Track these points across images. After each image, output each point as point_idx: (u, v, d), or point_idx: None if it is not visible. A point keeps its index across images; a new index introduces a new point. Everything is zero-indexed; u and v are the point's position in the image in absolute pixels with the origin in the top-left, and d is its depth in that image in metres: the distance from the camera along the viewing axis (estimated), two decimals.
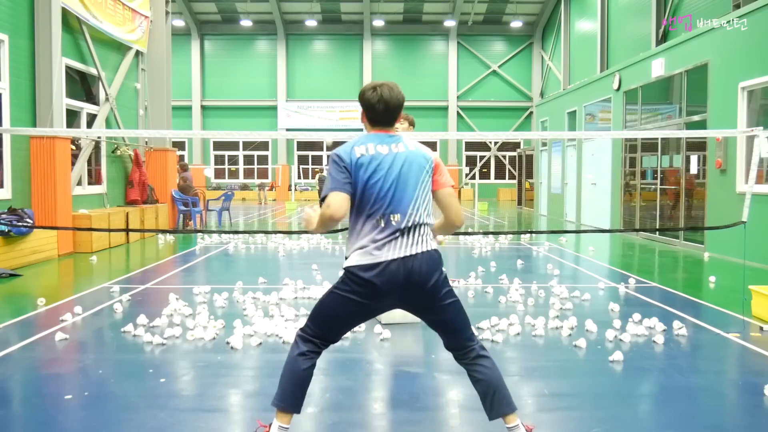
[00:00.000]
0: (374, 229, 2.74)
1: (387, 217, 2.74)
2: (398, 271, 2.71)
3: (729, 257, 9.22)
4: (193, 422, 3.22)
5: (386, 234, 2.73)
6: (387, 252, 2.72)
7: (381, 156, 2.76)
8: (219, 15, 30.51)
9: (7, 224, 7.72)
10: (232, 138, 30.88)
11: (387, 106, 2.82)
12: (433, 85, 30.89)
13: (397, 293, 2.75)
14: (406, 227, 2.75)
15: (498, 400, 2.80)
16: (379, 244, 2.73)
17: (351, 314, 2.82)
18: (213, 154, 32.19)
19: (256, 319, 5.34)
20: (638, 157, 13.02)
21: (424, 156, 2.83)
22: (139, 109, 13.13)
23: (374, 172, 2.73)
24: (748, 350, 4.58)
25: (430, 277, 2.74)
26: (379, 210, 2.74)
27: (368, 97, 2.83)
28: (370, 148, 2.77)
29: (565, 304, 5.98)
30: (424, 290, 2.75)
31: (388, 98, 2.81)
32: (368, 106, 2.84)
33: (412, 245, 2.75)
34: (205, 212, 15.07)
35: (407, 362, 4.34)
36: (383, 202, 2.74)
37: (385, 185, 2.73)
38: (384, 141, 2.81)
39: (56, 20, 9.50)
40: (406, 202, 2.76)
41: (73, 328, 5.13)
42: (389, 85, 2.85)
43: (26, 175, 9.20)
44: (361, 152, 2.74)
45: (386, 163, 2.76)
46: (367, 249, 2.74)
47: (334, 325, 2.86)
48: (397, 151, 2.79)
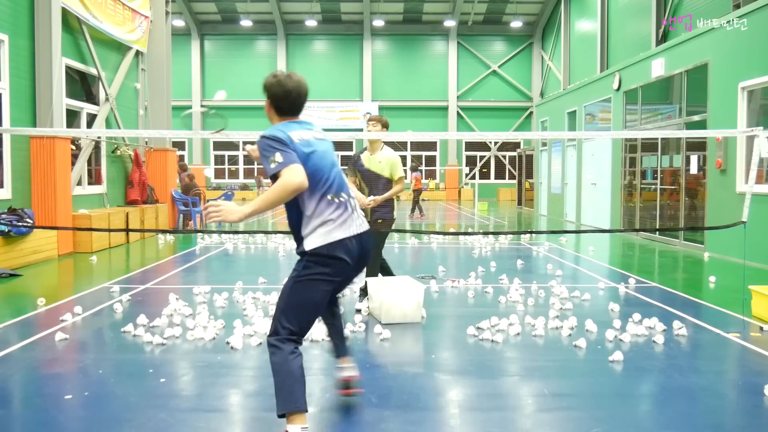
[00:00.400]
0: (329, 207, 2.85)
1: (339, 195, 2.90)
2: (355, 246, 2.91)
3: (729, 257, 9.22)
4: (193, 422, 3.22)
5: (342, 212, 2.89)
6: (348, 229, 2.88)
7: (314, 141, 2.89)
8: (219, 15, 30.51)
9: (7, 224, 7.72)
10: (232, 138, 30.83)
11: (300, 94, 2.94)
12: (433, 85, 30.89)
13: (353, 267, 2.96)
14: (352, 205, 2.98)
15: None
16: (339, 222, 2.86)
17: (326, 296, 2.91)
18: (213, 154, 32.19)
19: (256, 319, 5.34)
20: (638, 157, 13.02)
21: (329, 141, 3.05)
22: (139, 109, 13.13)
23: (314, 154, 2.83)
24: (748, 350, 4.58)
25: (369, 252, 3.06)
26: (329, 189, 2.87)
27: (283, 84, 2.90)
28: (303, 134, 2.85)
29: (565, 304, 5.98)
30: (363, 264, 3.03)
31: (301, 87, 2.95)
32: (282, 94, 2.91)
33: (360, 223, 2.98)
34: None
35: (407, 362, 4.34)
36: (331, 182, 2.88)
37: (327, 166, 2.88)
38: (306, 127, 2.93)
39: (56, 20, 9.50)
40: (344, 183, 3.00)
41: (73, 328, 5.13)
42: (297, 75, 2.97)
43: (26, 175, 9.20)
44: (298, 137, 2.81)
45: (320, 147, 2.90)
46: (328, 228, 2.83)
47: (313, 314, 2.92)
48: (321, 137, 2.97)
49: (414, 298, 5.31)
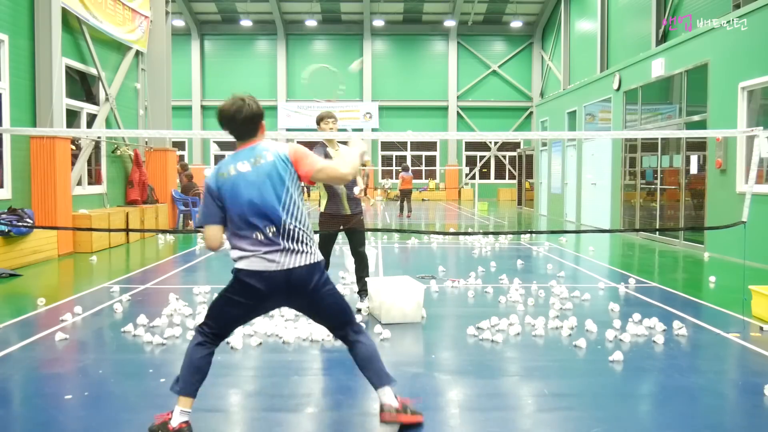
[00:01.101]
0: (253, 242, 2.94)
1: (260, 231, 2.90)
2: (280, 280, 2.95)
3: (729, 257, 9.22)
4: (193, 422, 3.21)
5: (268, 245, 2.93)
6: (254, 263, 2.95)
7: (240, 174, 2.92)
8: (219, 15, 30.51)
9: (7, 224, 7.72)
10: (232, 138, 30.78)
11: (230, 120, 2.98)
12: (433, 85, 30.89)
13: (278, 297, 3.03)
14: (287, 238, 2.92)
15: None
16: (264, 253, 2.95)
17: (237, 314, 3.08)
18: (213, 154, 32.19)
19: (256, 319, 5.33)
20: (638, 157, 13.02)
21: (279, 168, 2.91)
22: (139, 109, 13.13)
23: (238, 194, 2.90)
24: (748, 350, 4.58)
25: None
26: (252, 226, 2.92)
27: (221, 116, 2.99)
28: (231, 169, 2.94)
29: (565, 304, 5.98)
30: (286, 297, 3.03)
31: (227, 113, 2.96)
32: (225, 125, 3.03)
33: (277, 261, 2.92)
34: None
35: (407, 362, 4.34)
36: (252, 216, 2.92)
37: (251, 203, 2.90)
38: (245, 155, 2.96)
39: (56, 20, 9.50)
40: (278, 214, 2.91)
41: (73, 328, 5.13)
42: (238, 98, 2.97)
43: (26, 175, 9.20)
44: (225, 174, 2.95)
45: (247, 179, 2.91)
46: (237, 255, 2.97)
47: (223, 321, 3.10)
48: (258, 163, 2.92)
49: (414, 298, 5.31)
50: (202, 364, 2.97)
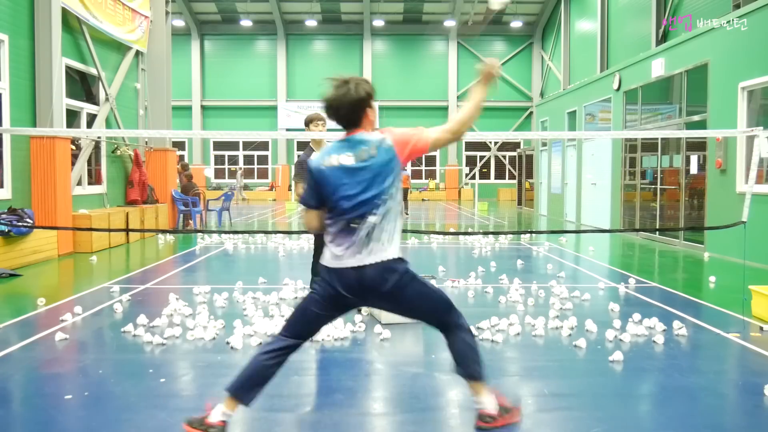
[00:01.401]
0: (337, 230, 2.85)
1: (354, 221, 2.82)
2: (352, 278, 2.85)
3: (729, 257, 9.21)
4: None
5: (345, 238, 2.84)
6: (343, 259, 2.85)
7: (343, 166, 2.80)
8: (219, 15, 30.50)
9: (7, 224, 7.72)
10: (232, 138, 30.87)
11: (334, 107, 2.81)
12: (433, 85, 30.90)
13: (347, 297, 2.90)
14: (362, 234, 2.82)
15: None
16: (338, 248, 2.86)
17: (316, 316, 2.96)
18: (213, 154, 32.18)
19: (256, 319, 5.34)
20: (638, 157, 13.02)
21: (383, 154, 2.80)
22: (139, 109, 13.13)
23: (334, 179, 2.79)
24: (748, 350, 4.58)
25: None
26: (339, 213, 2.85)
27: (326, 101, 2.82)
28: (332, 159, 2.81)
29: (565, 304, 5.97)
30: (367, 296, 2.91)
31: (336, 97, 2.78)
32: (329, 111, 2.85)
33: (366, 256, 2.81)
34: (205, 212, 15.08)
35: (407, 362, 4.34)
36: (345, 208, 2.83)
37: (347, 194, 2.79)
38: (348, 146, 2.82)
39: (56, 20, 9.50)
40: (369, 207, 2.81)
41: (73, 328, 5.13)
42: (344, 81, 2.80)
43: (26, 175, 9.20)
44: (327, 162, 2.82)
45: (347, 172, 2.80)
46: (328, 252, 2.90)
47: (300, 324, 2.99)
48: (362, 156, 2.81)
49: None
50: (269, 373, 2.91)
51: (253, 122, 30.55)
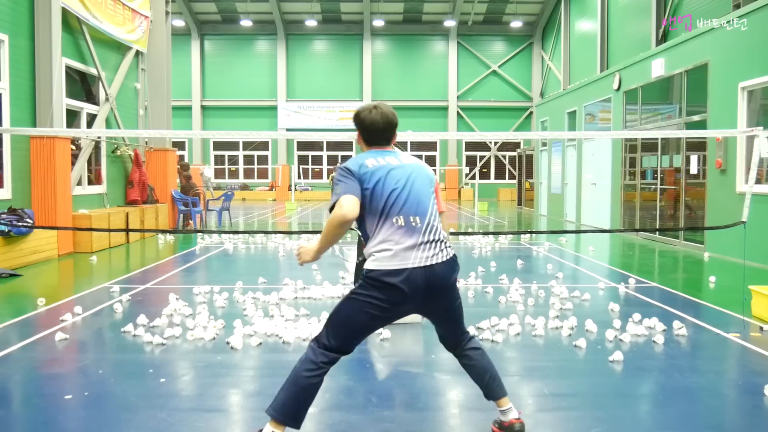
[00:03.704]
0: (391, 229, 2.79)
1: (408, 219, 2.79)
2: (419, 277, 2.76)
3: (729, 257, 9.21)
4: (193, 422, 3.22)
5: (408, 237, 2.78)
6: (409, 258, 2.75)
7: (388, 164, 2.87)
8: (219, 15, 30.52)
9: (7, 224, 7.72)
10: (232, 138, 30.89)
11: (380, 126, 2.95)
12: (433, 85, 30.90)
13: (415, 298, 2.79)
14: (426, 231, 2.83)
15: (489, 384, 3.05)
16: (401, 247, 2.75)
17: (374, 321, 2.82)
18: (213, 154, 32.19)
19: (256, 319, 5.34)
20: (638, 157, 13.02)
21: (428, 173, 3.00)
22: (139, 109, 13.13)
23: (382, 176, 2.82)
24: (748, 350, 4.58)
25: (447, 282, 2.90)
26: (393, 211, 2.79)
27: (364, 117, 2.96)
28: (379, 159, 2.88)
29: (565, 304, 5.97)
30: (432, 296, 2.85)
31: (387, 118, 2.96)
32: (365, 126, 2.97)
33: (434, 253, 2.82)
34: (205, 212, 15.08)
35: (407, 362, 4.34)
36: (396, 203, 2.80)
37: (396, 188, 2.81)
38: (387, 154, 2.94)
39: (56, 20, 9.50)
40: (422, 206, 2.85)
41: (73, 328, 5.13)
42: (384, 106, 3.00)
43: (26, 175, 9.20)
44: (371, 163, 2.85)
45: (394, 169, 2.86)
46: (388, 253, 2.76)
47: (354, 335, 2.82)
48: (405, 162, 2.93)
49: None
50: (316, 390, 2.78)
51: (253, 122, 30.57)
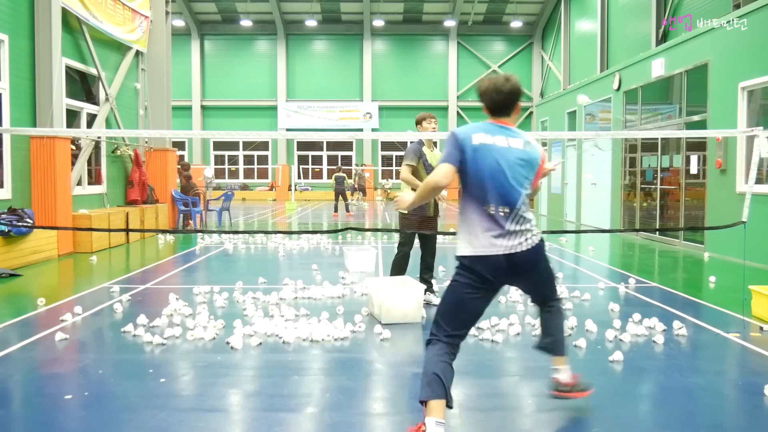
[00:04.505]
0: (482, 217, 2.87)
1: (499, 208, 2.86)
2: (503, 263, 2.86)
3: (729, 257, 9.21)
4: (193, 422, 3.22)
5: (495, 226, 2.86)
6: (494, 246, 2.85)
7: (496, 146, 2.87)
8: (219, 15, 30.51)
9: (7, 224, 7.72)
10: (232, 138, 30.89)
11: (503, 95, 2.92)
12: (433, 85, 30.89)
13: (500, 281, 2.93)
14: (515, 221, 2.88)
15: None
16: (488, 235, 2.86)
17: (475, 301, 2.93)
18: (213, 154, 32.19)
19: (256, 319, 5.34)
20: (638, 157, 13.02)
21: (534, 156, 2.95)
22: (139, 109, 13.13)
23: (483, 160, 2.85)
24: (748, 350, 4.58)
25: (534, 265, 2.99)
26: (487, 200, 2.87)
27: (482, 85, 2.97)
28: (488, 138, 2.88)
29: (565, 304, 5.97)
30: (517, 278, 2.99)
31: (503, 88, 2.92)
32: (488, 95, 2.95)
33: (520, 242, 2.88)
34: (205, 212, 15.08)
35: (407, 362, 4.34)
36: (491, 192, 2.86)
37: (492, 176, 2.85)
38: (502, 131, 2.92)
39: (56, 20, 9.50)
40: (515, 197, 2.88)
41: (73, 328, 5.13)
42: (507, 76, 2.97)
43: (26, 175, 9.20)
44: (478, 139, 2.87)
45: (499, 155, 2.87)
46: (474, 240, 2.88)
47: (463, 317, 2.96)
48: (513, 145, 2.90)
49: (414, 298, 5.31)
50: (447, 369, 2.92)
51: (253, 122, 30.57)
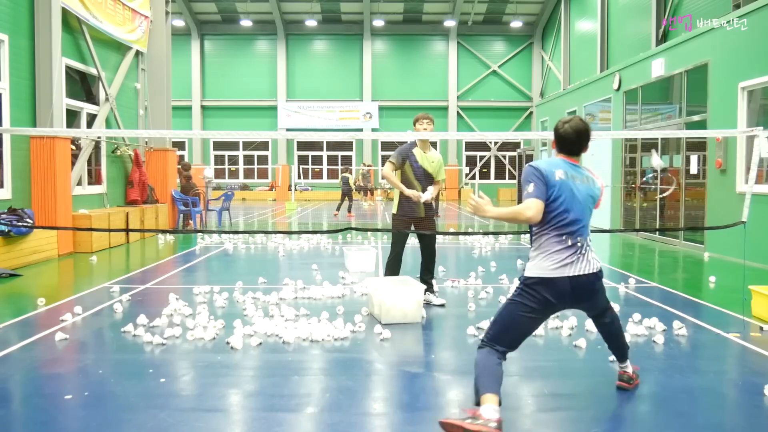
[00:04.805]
0: (557, 245, 3.16)
1: (574, 238, 3.17)
2: (567, 287, 3.16)
3: (729, 257, 9.21)
4: (193, 422, 3.22)
5: (569, 254, 3.16)
6: (565, 270, 3.16)
7: (572, 182, 3.21)
8: (219, 15, 30.51)
9: (7, 224, 7.72)
10: (232, 138, 30.89)
11: (573, 139, 3.29)
12: (433, 85, 30.89)
13: (561, 305, 3.23)
14: (584, 249, 3.22)
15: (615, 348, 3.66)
16: (561, 262, 3.15)
17: (530, 322, 3.25)
18: (213, 154, 32.19)
19: (256, 319, 5.34)
20: (638, 157, 13.02)
21: (597, 191, 3.37)
22: (139, 109, 13.13)
23: (564, 192, 3.16)
24: (748, 350, 4.58)
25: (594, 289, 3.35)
26: (565, 229, 3.16)
27: (559, 128, 3.36)
28: (567, 174, 3.21)
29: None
30: (575, 301, 3.30)
31: (577, 132, 3.29)
32: (558, 135, 3.35)
33: (584, 266, 3.21)
34: (205, 212, 15.08)
35: (407, 362, 4.34)
36: (569, 222, 3.16)
37: (571, 208, 3.16)
38: (574, 170, 3.27)
39: (56, 20, 9.50)
40: (585, 228, 3.24)
41: (73, 328, 5.13)
42: (577, 120, 3.36)
43: (26, 175, 9.20)
44: (559, 175, 3.18)
45: (576, 188, 3.21)
46: (548, 264, 3.17)
47: (515, 335, 3.25)
48: (582, 183, 3.27)
49: (414, 298, 5.31)
50: (499, 370, 3.11)
51: (253, 122, 30.57)
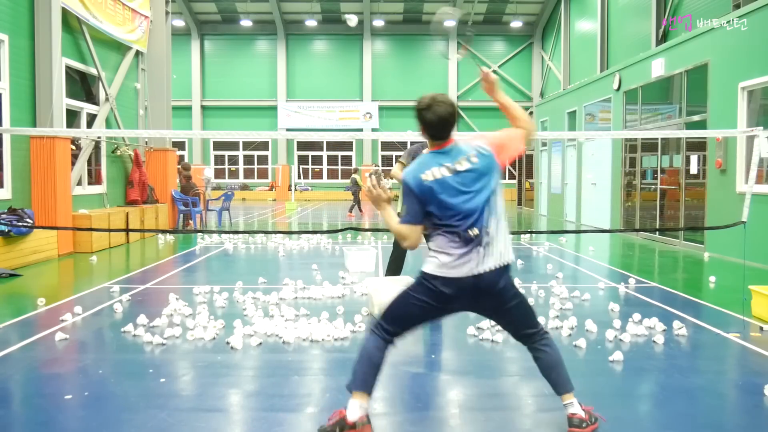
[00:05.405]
0: (449, 241, 2.86)
1: (467, 231, 2.83)
2: (469, 284, 2.87)
3: (729, 257, 9.21)
4: (193, 422, 3.22)
5: (464, 248, 2.84)
6: (463, 268, 2.85)
7: (447, 178, 2.84)
8: (219, 15, 30.51)
9: (7, 224, 7.72)
10: (232, 138, 30.89)
11: (437, 121, 2.87)
12: (433, 85, 30.82)
13: (463, 302, 2.96)
14: (483, 241, 2.85)
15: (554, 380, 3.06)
16: (456, 258, 2.85)
17: (425, 315, 3.06)
18: (213, 154, 32.19)
19: (256, 319, 5.34)
20: (638, 157, 13.02)
21: (485, 156, 2.89)
22: (139, 109, 13.13)
23: (444, 195, 2.82)
24: (748, 350, 4.58)
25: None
26: (456, 225, 2.84)
27: (427, 118, 2.89)
28: (435, 171, 2.85)
29: (565, 304, 5.97)
30: (481, 298, 2.93)
31: (437, 111, 2.86)
32: (426, 124, 2.90)
33: (486, 261, 2.86)
34: (205, 212, 15.08)
35: (407, 362, 4.34)
36: (458, 217, 2.83)
37: (456, 203, 2.82)
38: (447, 157, 2.88)
39: (56, 20, 9.50)
40: (482, 216, 2.85)
41: (73, 328, 5.13)
42: (439, 99, 2.89)
43: (26, 175, 9.20)
44: (428, 177, 2.84)
45: (456, 182, 2.84)
46: (442, 261, 2.89)
47: (407, 325, 3.07)
48: (462, 168, 2.86)
49: None
50: (380, 362, 3.01)
51: (253, 122, 30.56)
